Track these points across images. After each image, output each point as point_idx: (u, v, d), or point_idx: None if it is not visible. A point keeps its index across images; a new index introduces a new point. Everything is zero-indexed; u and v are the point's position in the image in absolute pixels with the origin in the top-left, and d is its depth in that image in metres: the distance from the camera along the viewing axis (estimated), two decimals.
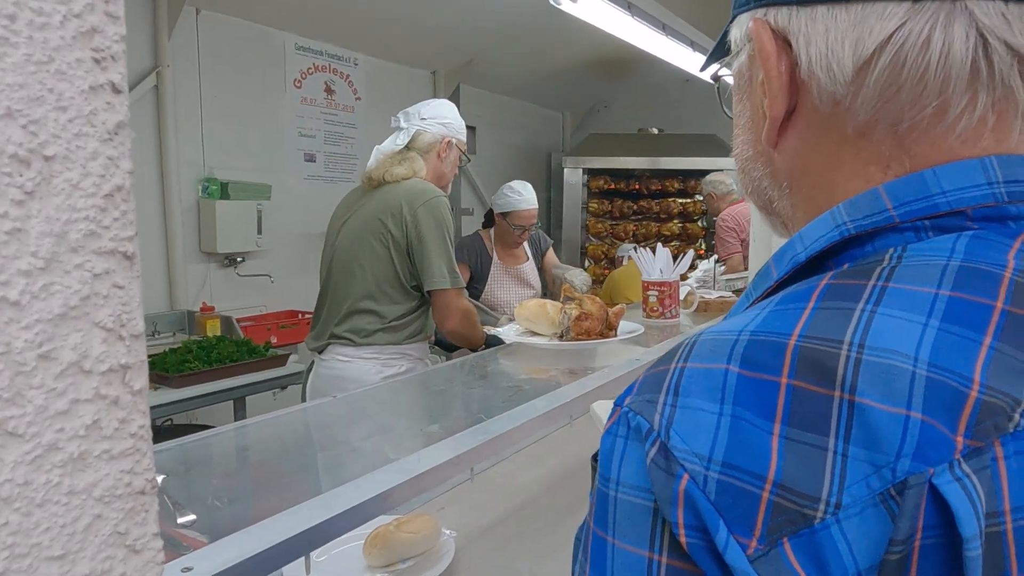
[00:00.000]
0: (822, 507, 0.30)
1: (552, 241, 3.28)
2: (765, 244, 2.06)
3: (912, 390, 0.31)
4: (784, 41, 0.41)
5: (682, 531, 0.31)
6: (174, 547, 0.62)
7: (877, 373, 0.31)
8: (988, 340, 0.32)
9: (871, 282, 0.35)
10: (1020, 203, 0.37)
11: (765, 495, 0.30)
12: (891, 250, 0.37)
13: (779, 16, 0.41)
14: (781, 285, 0.41)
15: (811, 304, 0.35)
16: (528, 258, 3.07)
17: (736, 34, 0.47)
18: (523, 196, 2.92)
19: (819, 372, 0.32)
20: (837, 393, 0.31)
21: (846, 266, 0.38)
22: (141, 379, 0.32)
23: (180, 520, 0.66)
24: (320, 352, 2.04)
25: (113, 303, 0.31)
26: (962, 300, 0.33)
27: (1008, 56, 0.36)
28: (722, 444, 0.32)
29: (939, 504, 0.29)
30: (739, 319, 0.37)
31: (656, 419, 0.34)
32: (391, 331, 1.97)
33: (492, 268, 2.92)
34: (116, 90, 0.29)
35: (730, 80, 0.52)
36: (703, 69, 0.58)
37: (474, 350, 2.03)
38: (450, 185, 2.20)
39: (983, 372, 0.31)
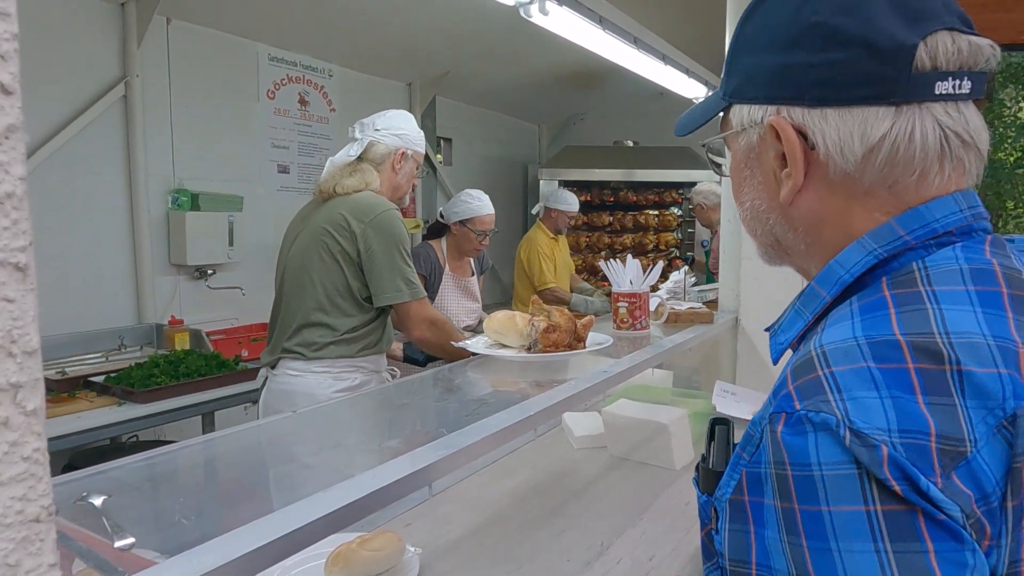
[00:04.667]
0: (968, 445, 0.44)
1: (492, 264, 3.25)
2: (734, 257, 2.07)
3: (993, 356, 0.46)
4: (799, 131, 0.58)
5: (894, 484, 0.43)
6: (108, 572, 0.60)
7: (968, 349, 0.46)
8: (1010, 314, 0.49)
9: (921, 288, 0.51)
10: (979, 220, 0.57)
11: (933, 445, 0.43)
12: (914, 264, 0.54)
13: (793, 113, 0.58)
14: (835, 301, 0.57)
15: (892, 311, 0.50)
16: (473, 272, 3.04)
17: (741, 117, 0.62)
18: (483, 202, 2.91)
19: (932, 356, 0.46)
20: (947, 367, 0.46)
21: (884, 279, 0.54)
22: (35, 399, 0.30)
23: (118, 543, 0.63)
24: (272, 367, 2.00)
25: (3, 318, 0.29)
26: (983, 291, 0.50)
27: (957, 139, 0.55)
28: (893, 417, 0.44)
29: None
30: (839, 330, 0.51)
31: (837, 412, 0.45)
32: (344, 344, 1.94)
33: (443, 279, 2.89)
34: (6, 91, 0.28)
35: (717, 145, 0.71)
36: (683, 133, 0.74)
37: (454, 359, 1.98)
38: (407, 196, 2.17)
39: (1018, 334, 0.48)
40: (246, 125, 3.73)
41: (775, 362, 0.65)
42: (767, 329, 0.67)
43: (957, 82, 0.54)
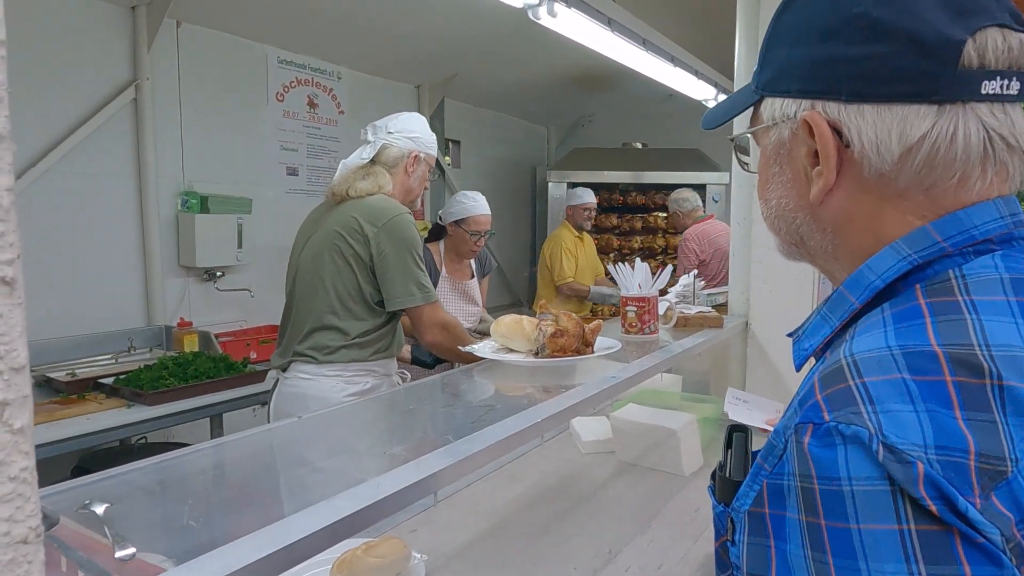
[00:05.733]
0: (1009, 464, 0.42)
1: (496, 265, 3.23)
2: (744, 261, 2.05)
3: None
4: (834, 128, 0.55)
5: (930, 503, 0.41)
6: None
7: (1010, 362, 0.44)
8: None
9: (959, 298, 0.49)
10: (1021, 228, 0.53)
11: (972, 463, 0.41)
12: (950, 271, 0.51)
13: (828, 108, 0.55)
14: (864, 307, 0.55)
15: (928, 320, 0.48)
16: (473, 275, 3.02)
17: (773, 111, 0.59)
18: (477, 202, 2.90)
19: (971, 369, 0.44)
20: (988, 381, 0.43)
21: (918, 287, 0.52)
22: (23, 416, 0.29)
23: (119, 554, 0.63)
24: (284, 370, 2.00)
25: None
26: None
27: (1002, 143, 0.52)
28: (929, 433, 0.42)
29: None
30: (870, 338, 0.49)
31: (870, 426, 0.43)
32: (356, 348, 1.94)
33: (440, 282, 2.88)
34: None
35: (744, 141, 0.69)
36: (710, 127, 0.70)
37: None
38: (419, 199, 2.17)
39: None
40: (255, 127, 3.74)
41: (798, 369, 0.62)
42: (790, 334, 0.65)
43: (1005, 82, 0.51)
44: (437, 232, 3.00)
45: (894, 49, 0.51)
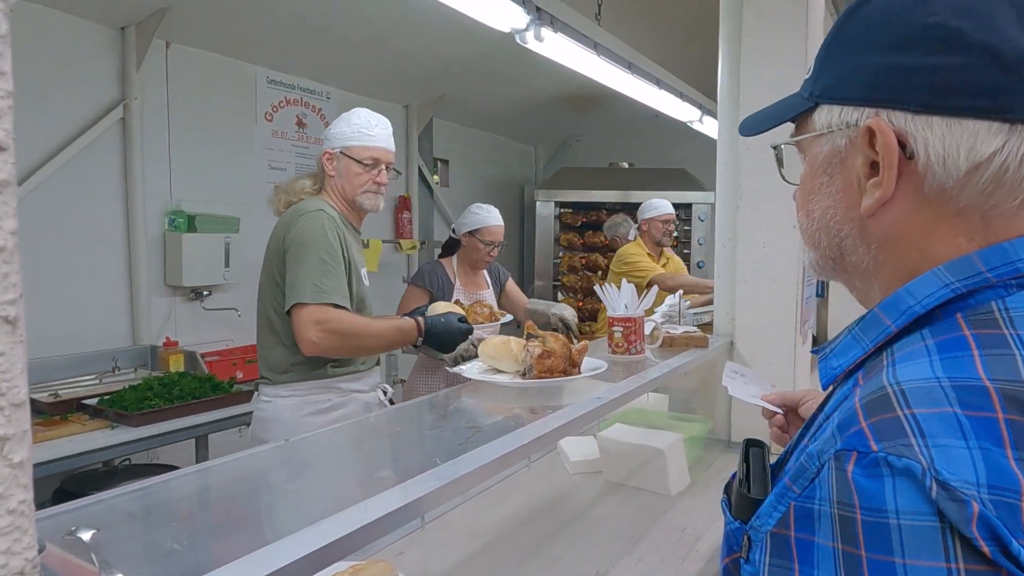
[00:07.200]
0: None
1: (510, 274, 3.27)
2: (730, 281, 2.08)
3: None
4: (899, 138, 0.53)
5: (982, 544, 0.40)
6: None
7: None
8: None
9: (1005, 331, 0.48)
10: None
11: None
12: (992, 303, 0.50)
13: (894, 117, 0.53)
14: (900, 331, 0.53)
15: (975, 352, 0.47)
16: (488, 287, 3.04)
17: (830, 119, 0.58)
18: (491, 213, 2.95)
19: (1022, 407, 0.43)
20: None
21: (960, 316, 0.50)
22: (22, 451, 0.30)
23: None
24: (257, 393, 1.99)
25: None
26: None
27: None
28: (982, 471, 0.41)
29: None
30: (916, 367, 0.48)
31: (922, 460, 0.42)
32: (305, 365, 1.86)
33: (454, 295, 2.89)
34: (0, 148, 0.28)
35: (787, 149, 0.66)
36: (750, 134, 0.69)
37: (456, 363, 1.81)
38: (374, 196, 1.96)
39: None
40: (244, 147, 3.75)
41: (825, 388, 0.61)
42: (814, 351, 0.64)
43: None
44: (450, 247, 3.03)
45: (971, 62, 0.50)
